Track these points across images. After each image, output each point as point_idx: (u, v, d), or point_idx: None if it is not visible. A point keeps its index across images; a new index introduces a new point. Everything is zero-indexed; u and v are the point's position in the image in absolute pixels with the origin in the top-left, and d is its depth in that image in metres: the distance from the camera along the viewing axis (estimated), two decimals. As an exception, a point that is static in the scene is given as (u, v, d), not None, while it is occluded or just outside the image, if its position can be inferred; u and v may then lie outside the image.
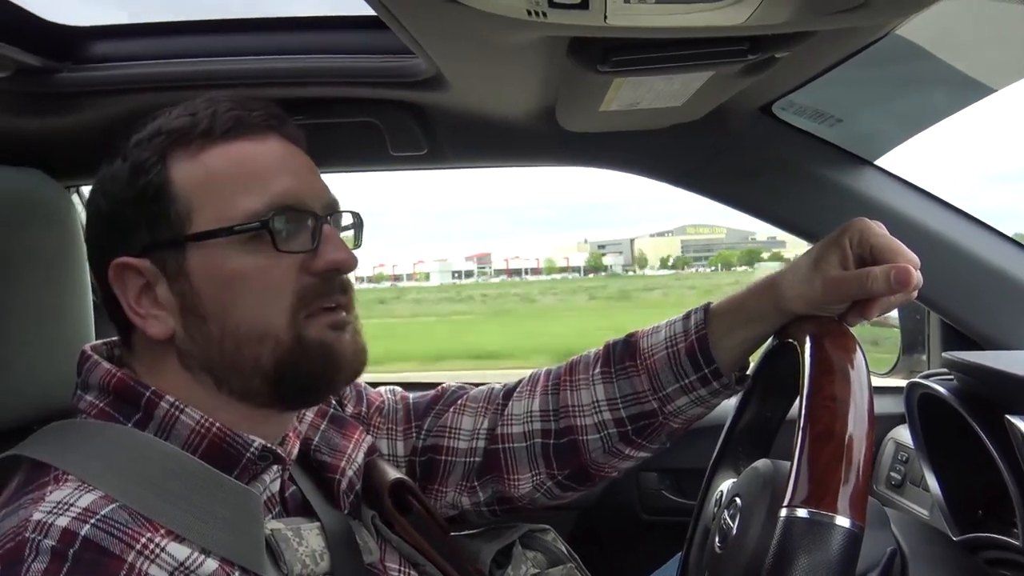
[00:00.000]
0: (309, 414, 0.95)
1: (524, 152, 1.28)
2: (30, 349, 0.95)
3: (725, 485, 1.01)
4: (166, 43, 1.09)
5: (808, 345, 0.80)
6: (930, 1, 0.72)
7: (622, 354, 1.01)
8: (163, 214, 0.78)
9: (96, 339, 0.89)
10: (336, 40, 1.09)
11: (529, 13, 0.68)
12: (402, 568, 0.91)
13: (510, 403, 1.05)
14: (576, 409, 1.01)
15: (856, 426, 0.71)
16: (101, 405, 0.79)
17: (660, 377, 0.97)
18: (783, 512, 0.68)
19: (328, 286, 0.80)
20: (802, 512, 0.67)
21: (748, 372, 0.98)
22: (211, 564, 0.69)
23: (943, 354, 1.06)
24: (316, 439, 0.93)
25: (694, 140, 1.19)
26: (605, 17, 0.66)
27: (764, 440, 1.06)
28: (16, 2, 0.97)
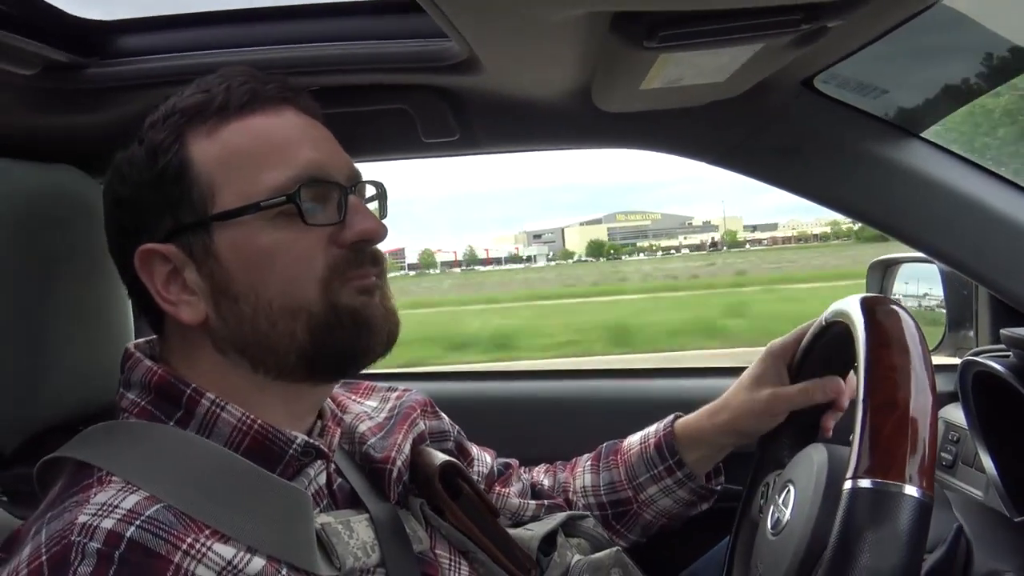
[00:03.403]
0: (362, 425, 0.95)
1: (558, 135, 1.26)
2: (71, 347, 0.95)
3: (774, 471, 1.00)
4: (193, 35, 1.08)
5: (861, 319, 0.79)
6: None
7: (608, 451, 1.19)
8: (185, 196, 0.77)
9: (135, 335, 0.89)
10: (365, 26, 1.07)
11: (578, -13, 0.65)
12: (452, 556, 0.91)
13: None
14: (572, 492, 1.19)
15: (919, 396, 0.69)
16: (143, 403, 0.78)
17: (635, 468, 1.14)
18: (847, 484, 0.66)
19: (359, 258, 0.79)
20: (869, 483, 0.65)
21: (718, 483, 1.17)
22: (259, 562, 0.69)
23: (1002, 331, 1.03)
24: (372, 440, 0.93)
25: (734, 117, 1.16)
26: (658, -12, 0.64)
27: (812, 423, 1.04)
28: (43, -2, 0.96)
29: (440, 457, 0.96)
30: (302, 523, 0.74)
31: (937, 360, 1.40)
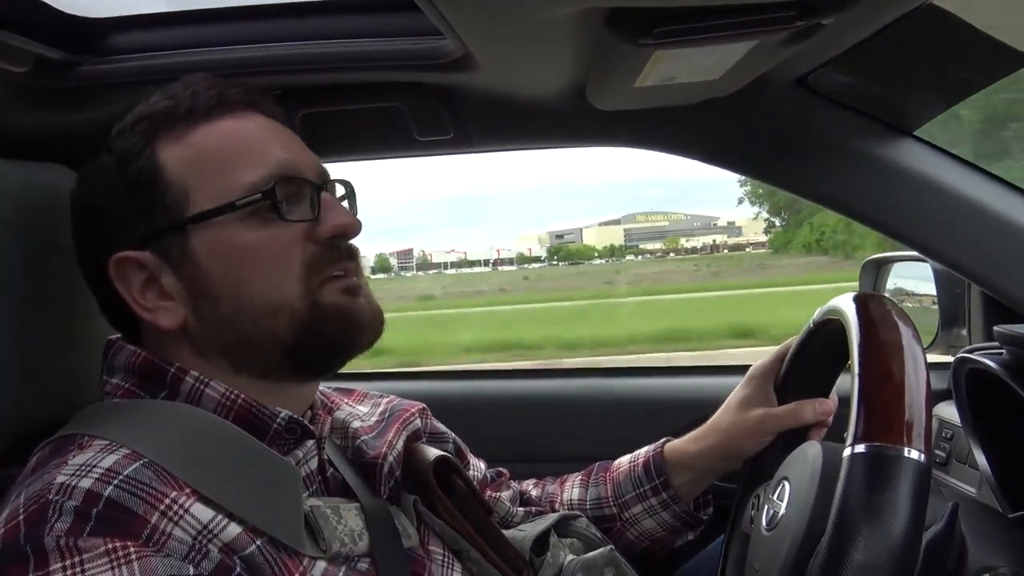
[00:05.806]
0: (355, 423, 0.94)
1: (553, 133, 1.25)
2: (62, 347, 0.94)
3: (762, 483, 1.00)
4: (186, 32, 1.07)
5: (853, 308, 0.80)
6: None
7: (598, 469, 1.20)
8: (159, 201, 0.77)
9: None
10: (359, 23, 1.06)
11: (575, -17, 0.65)
12: (445, 553, 0.90)
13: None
14: (559, 503, 1.19)
15: (913, 370, 0.70)
16: (127, 386, 0.78)
17: (622, 486, 1.15)
18: (846, 452, 0.66)
19: (335, 253, 0.80)
20: (868, 447, 0.65)
21: (706, 513, 1.17)
22: (235, 529, 0.68)
23: (995, 328, 1.03)
24: (364, 437, 0.92)
25: (728, 115, 1.16)
26: (655, -16, 0.64)
27: (799, 437, 1.05)
28: (34, -5, 0.95)
29: (434, 452, 0.96)
30: (290, 498, 0.74)
31: (931, 358, 1.41)
